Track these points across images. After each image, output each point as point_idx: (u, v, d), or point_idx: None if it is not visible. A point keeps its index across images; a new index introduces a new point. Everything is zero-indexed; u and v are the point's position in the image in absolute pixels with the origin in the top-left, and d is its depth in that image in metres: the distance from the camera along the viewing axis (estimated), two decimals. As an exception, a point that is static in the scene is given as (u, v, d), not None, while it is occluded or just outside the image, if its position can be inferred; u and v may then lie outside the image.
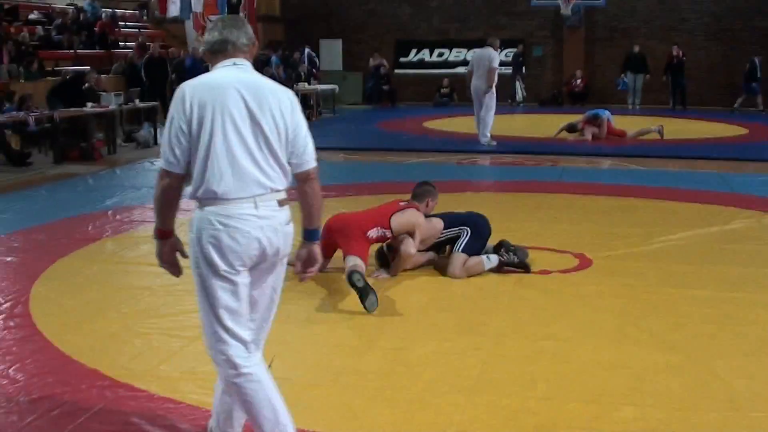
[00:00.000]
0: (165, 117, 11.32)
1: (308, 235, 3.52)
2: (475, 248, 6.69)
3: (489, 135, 14.92)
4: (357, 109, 25.01)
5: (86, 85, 15.52)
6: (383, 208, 6.65)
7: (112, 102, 14.93)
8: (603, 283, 6.39)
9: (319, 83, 23.48)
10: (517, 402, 4.26)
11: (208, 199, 3.30)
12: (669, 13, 25.57)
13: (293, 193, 3.44)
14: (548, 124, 17.46)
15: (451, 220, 6.81)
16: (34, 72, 17.50)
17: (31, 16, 21.86)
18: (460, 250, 6.63)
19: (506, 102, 24.97)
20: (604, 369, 4.68)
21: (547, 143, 15.49)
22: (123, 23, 25.06)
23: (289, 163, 3.42)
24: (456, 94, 25.22)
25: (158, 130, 15.86)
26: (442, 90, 25.71)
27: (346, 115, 22.71)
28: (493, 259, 6.69)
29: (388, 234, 6.44)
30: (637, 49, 24.32)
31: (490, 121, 14.89)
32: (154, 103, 16.60)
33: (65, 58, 20.12)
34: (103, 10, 24.00)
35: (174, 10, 25.39)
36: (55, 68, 18.65)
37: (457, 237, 6.70)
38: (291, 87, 19.75)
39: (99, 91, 15.47)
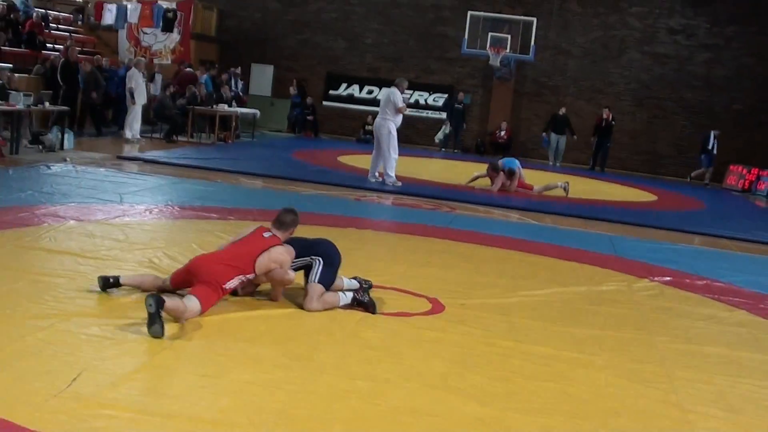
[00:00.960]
0: (73, 123, 11.31)
1: None
2: (329, 278, 6.64)
3: (393, 175, 14.95)
4: (278, 137, 24.96)
5: (-1, 82, 15.23)
6: (247, 246, 6.42)
7: (20, 102, 14.62)
8: (446, 330, 6.32)
9: (245, 107, 23.40)
10: (307, 440, 4.15)
11: None
12: (598, 75, 26.05)
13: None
14: (462, 172, 17.52)
15: (301, 247, 6.69)
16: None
17: (-42, 7, 21.42)
18: (316, 280, 6.54)
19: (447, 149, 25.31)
20: (410, 415, 4.59)
21: (450, 189, 15.50)
22: (55, 26, 24.68)
23: None
24: (380, 133, 25.28)
25: (65, 135, 15.60)
26: (367, 127, 25.74)
27: (264, 141, 22.62)
28: (348, 296, 6.63)
29: (251, 277, 6.30)
30: (562, 111, 24.66)
31: (394, 162, 14.94)
32: (65, 107, 16.30)
33: (-12, 54, 19.74)
34: (36, 10, 23.60)
35: (109, 18, 25.20)
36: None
37: (310, 266, 6.62)
38: (210, 107, 19.94)
39: (10, 89, 15.15)
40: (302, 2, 27.48)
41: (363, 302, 6.62)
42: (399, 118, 15.06)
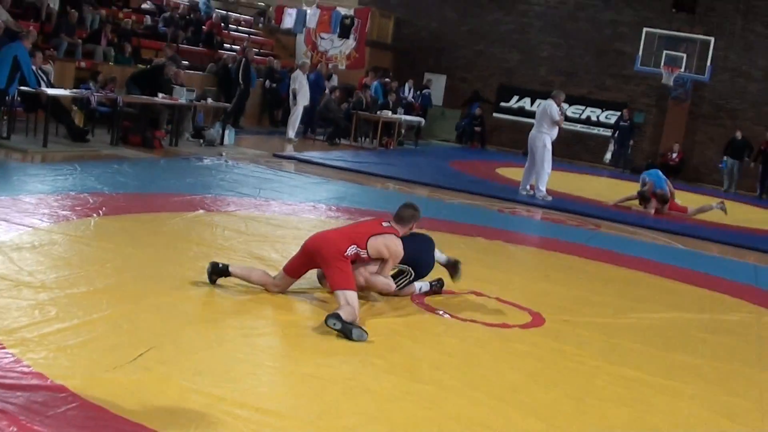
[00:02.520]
0: (234, 121, 11.74)
1: None
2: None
3: (544, 190, 14.72)
4: (443, 146, 25.04)
5: (165, 76, 15.91)
6: (363, 227, 6.56)
7: (182, 96, 15.24)
8: (537, 345, 6.16)
9: (416, 115, 23.66)
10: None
11: None
12: (782, 100, 24.75)
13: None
14: (622, 192, 16.93)
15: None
16: (127, 57, 18.04)
17: (144, 5, 22.55)
18: (400, 287, 6.78)
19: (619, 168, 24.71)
20: (459, 424, 4.49)
21: (599, 207, 15.08)
22: (235, 27, 25.64)
23: None
24: (546, 147, 24.94)
25: (227, 131, 16.16)
26: (533, 140, 25.45)
27: (427, 149, 22.73)
28: (425, 287, 7.00)
29: (363, 254, 6.34)
30: (739, 135, 23.57)
31: (546, 176, 14.69)
32: (226, 104, 16.89)
33: (166, 50, 20.68)
34: (217, 11, 24.58)
35: (289, 22, 25.92)
36: (153, 58, 19.16)
37: (401, 273, 6.68)
38: (374, 112, 20.18)
39: (176, 84, 15.83)
40: (479, 13, 27.45)
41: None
42: (555, 132, 14.81)
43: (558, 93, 14.99)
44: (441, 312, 6.59)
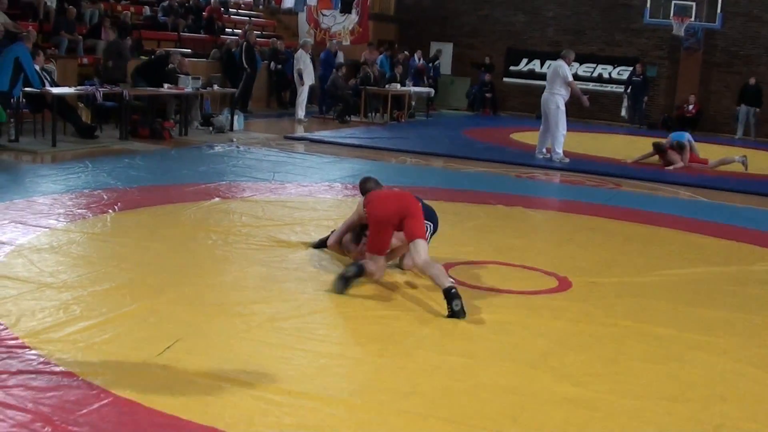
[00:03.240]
0: (243, 106, 11.65)
1: None
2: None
3: (561, 152, 14.57)
4: (455, 115, 24.88)
5: (170, 66, 15.84)
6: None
7: (188, 85, 15.16)
8: (564, 309, 6.10)
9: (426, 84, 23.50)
10: (382, 409, 4.11)
11: None
12: (794, 43, 24.42)
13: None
14: (641, 148, 16.67)
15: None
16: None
17: (141, -4, 22.42)
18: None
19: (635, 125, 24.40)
20: (492, 393, 4.44)
21: (618, 166, 14.93)
22: (235, 11, 25.50)
23: None
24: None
25: (235, 116, 16.10)
26: (546, 103, 25.23)
27: (439, 120, 22.59)
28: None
29: None
30: (753, 81, 23.32)
31: (562, 138, 14.52)
32: (232, 89, 16.81)
33: (168, 40, 20.58)
34: (216, -5, 24.43)
35: (289, 1, 25.64)
36: (155, 49, 19.06)
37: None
38: (382, 86, 20.05)
39: (181, 73, 15.74)
40: (481, -23, 27.23)
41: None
42: (567, 92, 14.62)
43: (568, 52, 14.81)
44: (466, 283, 6.52)
